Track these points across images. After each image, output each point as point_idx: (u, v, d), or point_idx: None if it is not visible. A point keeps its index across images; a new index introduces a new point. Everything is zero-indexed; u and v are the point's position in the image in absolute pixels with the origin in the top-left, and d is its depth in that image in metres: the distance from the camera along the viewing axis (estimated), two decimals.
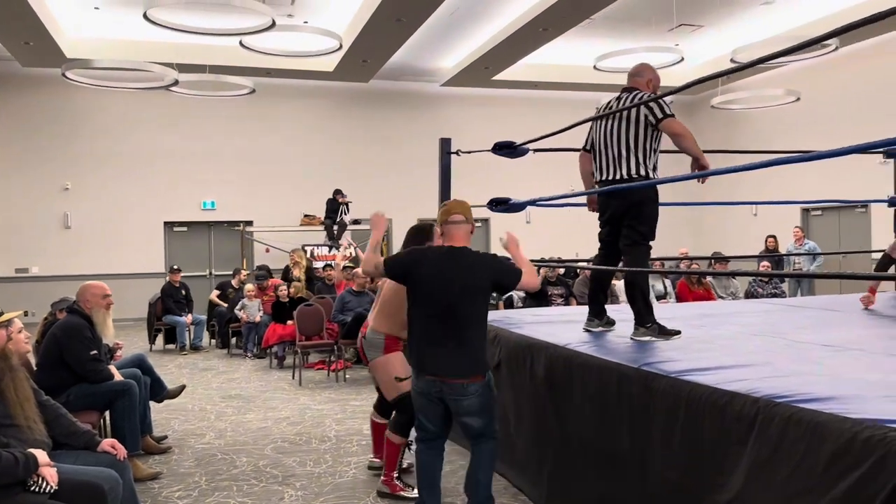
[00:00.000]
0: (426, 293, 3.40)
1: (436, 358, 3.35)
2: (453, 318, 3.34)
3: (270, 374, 8.25)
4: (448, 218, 3.57)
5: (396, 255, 3.68)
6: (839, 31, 2.80)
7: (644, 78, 4.03)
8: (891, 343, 3.68)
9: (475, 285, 3.41)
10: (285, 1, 10.67)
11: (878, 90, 11.85)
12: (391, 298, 4.17)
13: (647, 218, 3.84)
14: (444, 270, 3.39)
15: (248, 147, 14.10)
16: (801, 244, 11.79)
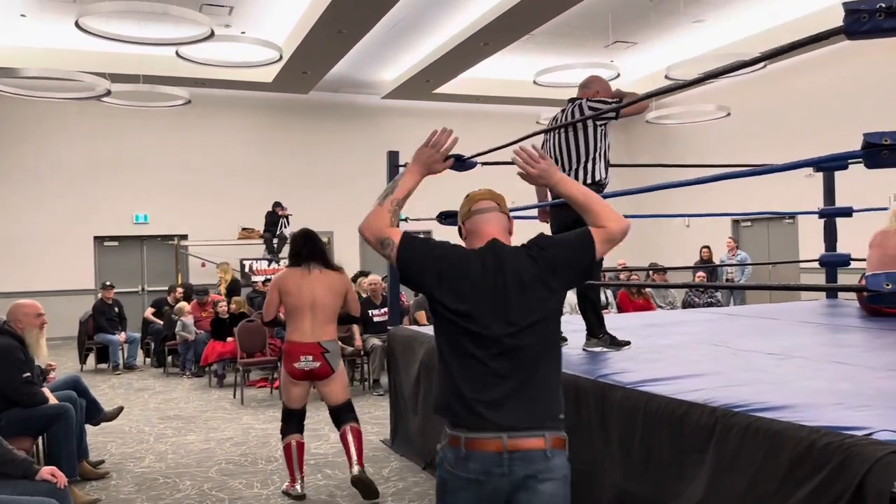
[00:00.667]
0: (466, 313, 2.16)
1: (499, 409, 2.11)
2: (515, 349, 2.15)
3: (210, 393, 8.02)
4: (472, 207, 2.36)
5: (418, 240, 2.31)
6: (768, 56, 2.94)
7: (592, 90, 4.11)
8: (829, 350, 3.80)
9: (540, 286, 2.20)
10: (223, 11, 10.49)
11: (803, 105, 12.39)
12: (335, 304, 4.41)
13: None
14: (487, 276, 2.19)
15: (184, 159, 13.75)
16: (733, 254, 12.20)
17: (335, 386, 4.46)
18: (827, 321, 5.12)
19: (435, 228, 8.29)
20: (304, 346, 4.31)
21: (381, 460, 5.17)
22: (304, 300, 4.32)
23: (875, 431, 2.01)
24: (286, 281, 4.40)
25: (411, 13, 10.43)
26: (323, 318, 4.36)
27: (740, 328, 4.88)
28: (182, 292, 10.30)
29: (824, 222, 6.85)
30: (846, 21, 2.24)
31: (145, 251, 13.91)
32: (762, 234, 14.01)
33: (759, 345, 3.98)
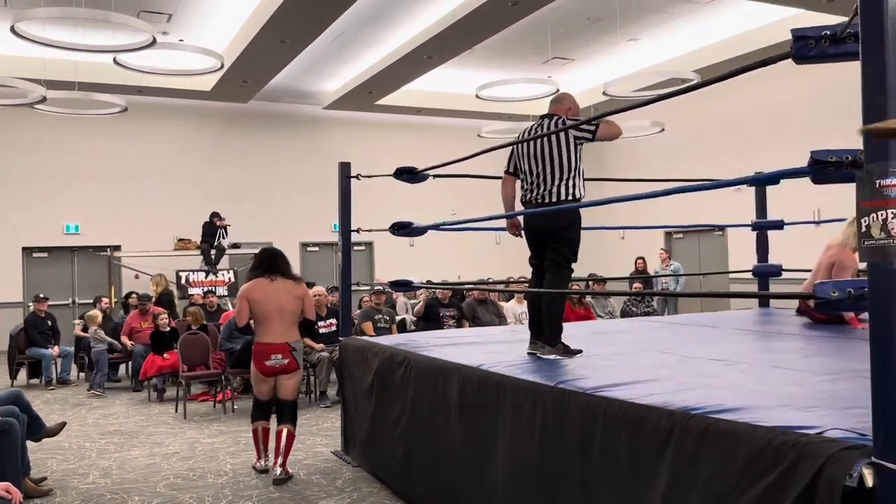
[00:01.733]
0: None
1: None
2: None
3: (150, 407, 7.82)
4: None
5: None
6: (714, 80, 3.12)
7: (564, 105, 4.26)
8: (770, 356, 4.01)
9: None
10: (161, 18, 10.30)
11: (734, 121, 12.93)
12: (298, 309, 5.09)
13: (572, 241, 4.05)
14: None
15: (118, 168, 13.38)
16: (666, 265, 12.62)
17: (294, 381, 5.13)
18: (763, 328, 5.38)
19: (385, 238, 8.33)
20: (275, 346, 4.96)
21: (333, 471, 5.16)
22: (271, 306, 4.94)
23: (826, 430, 2.15)
24: (254, 291, 4.99)
25: (355, 25, 10.47)
26: (289, 322, 5.03)
27: (683, 336, 5.07)
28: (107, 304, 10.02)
29: (756, 235, 7.18)
30: (795, 46, 2.41)
31: (76, 263, 13.45)
32: (693, 245, 14.52)
33: (704, 351, 4.15)
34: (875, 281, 1.91)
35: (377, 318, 8.37)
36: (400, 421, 4.47)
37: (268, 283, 5.00)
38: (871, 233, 1.89)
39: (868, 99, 1.92)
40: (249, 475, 5.09)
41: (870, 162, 1.92)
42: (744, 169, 9.36)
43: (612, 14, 10.51)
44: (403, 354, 4.50)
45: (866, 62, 1.93)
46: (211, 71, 10.57)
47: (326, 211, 13.96)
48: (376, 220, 6.29)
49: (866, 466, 1.89)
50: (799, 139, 11.47)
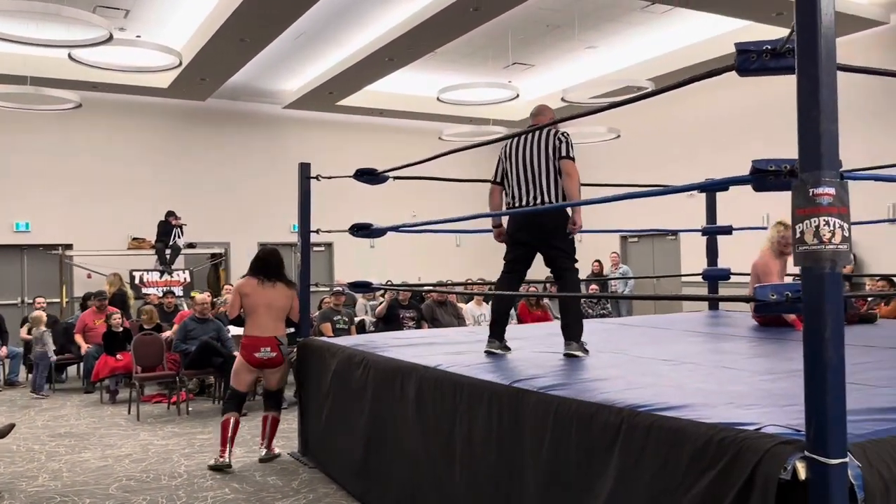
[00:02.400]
0: None
1: None
2: None
3: (103, 409, 7.70)
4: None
5: None
6: (667, 88, 3.23)
7: (547, 117, 4.44)
8: (717, 357, 4.14)
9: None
10: (118, 14, 10.14)
11: (688, 128, 13.22)
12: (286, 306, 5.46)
13: (571, 241, 4.25)
14: None
15: (71, 165, 13.10)
16: (616, 268, 12.87)
17: (280, 373, 5.54)
18: (711, 330, 5.54)
19: (345, 240, 8.32)
20: (264, 339, 5.30)
21: (290, 472, 5.16)
22: (260, 301, 5.32)
23: (763, 426, 2.26)
24: (245, 286, 5.40)
25: (317, 24, 10.44)
26: (276, 317, 5.39)
27: (635, 337, 5.21)
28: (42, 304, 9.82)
29: (707, 239, 7.38)
30: (738, 59, 2.52)
31: (26, 261, 13.13)
32: (647, 249, 14.80)
33: (654, 352, 4.28)
34: (808, 284, 2.01)
35: (336, 319, 8.37)
36: (358, 422, 4.50)
37: (259, 281, 5.38)
38: (805, 239, 2.00)
39: (802, 112, 2.03)
40: (204, 477, 5.07)
41: (804, 171, 2.03)
42: (697, 175, 9.61)
43: (571, 22, 10.68)
44: (362, 355, 4.53)
45: (801, 76, 2.04)
46: (168, 68, 10.44)
47: (285, 211, 13.84)
48: (336, 221, 6.31)
49: (799, 460, 1.99)
50: (749, 146, 11.80)
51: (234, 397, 5.46)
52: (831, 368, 1.95)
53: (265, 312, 5.32)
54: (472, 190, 15.18)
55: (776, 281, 5.09)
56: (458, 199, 14.97)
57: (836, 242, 1.96)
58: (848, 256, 1.99)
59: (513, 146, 4.28)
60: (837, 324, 1.97)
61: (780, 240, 5.23)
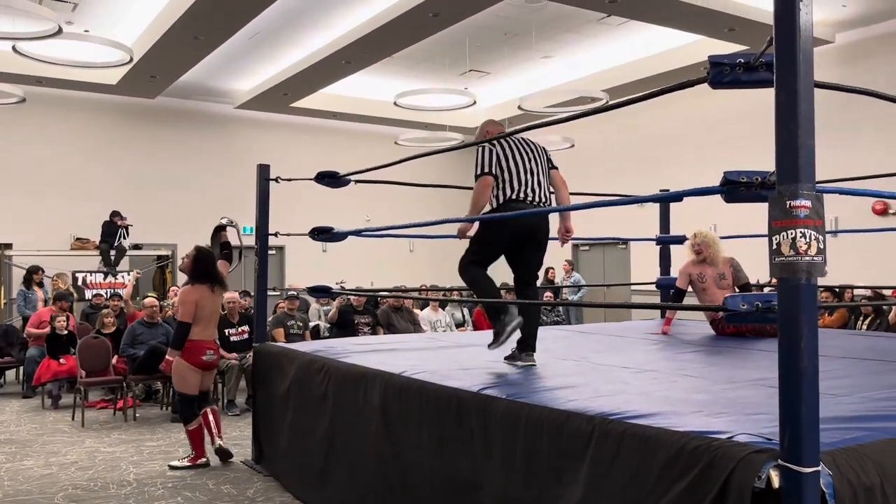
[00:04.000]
0: None
1: None
2: None
3: (45, 415, 7.41)
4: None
5: None
6: (631, 101, 3.27)
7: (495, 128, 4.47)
8: (677, 364, 4.20)
9: None
10: (66, 7, 9.82)
11: (641, 139, 13.46)
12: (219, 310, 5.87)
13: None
14: None
15: (13, 161, 12.61)
16: (569, 276, 13.00)
17: (213, 375, 6.01)
18: (665, 338, 5.62)
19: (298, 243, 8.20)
20: (208, 342, 5.55)
21: (244, 481, 5.05)
22: (210, 307, 5.54)
23: (735, 434, 2.28)
24: (201, 296, 5.49)
25: (272, 25, 10.29)
26: (216, 322, 5.74)
27: (595, 345, 5.25)
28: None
29: (660, 248, 7.51)
30: (711, 72, 2.56)
31: None
32: (598, 257, 15.01)
33: (615, 360, 4.32)
34: (784, 295, 2.05)
35: (290, 324, 8.24)
36: (318, 429, 4.42)
37: (209, 289, 5.54)
38: (782, 250, 2.03)
39: (780, 125, 2.06)
40: (154, 485, 4.92)
41: (781, 183, 2.06)
42: (649, 185, 9.80)
43: (528, 31, 10.78)
44: (322, 361, 4.46)
45: (780, 90, 2.07)
46: (118, 64, 10.16)
47: (236, 212, 13.56)
48: (288, 224, 6.21)
49: (773, 469, 2.02)
50: (701, 158, 12.08)
51: (190, 403, 5.51)
52: (806, 378, 1.99)
53: (212, 317, 5.58)
54: (423, 196, 15.24)
55: (684, 283, 5.71)
56: (410, 203, 14.95)
57: (812, 254, 2.00)
58: (822, 268, 2.03)
59: (511, 144, 4.16)
60: (812, 334, 2.01)
61: (692, 247, 5.75)
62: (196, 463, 5.40)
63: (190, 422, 5.46)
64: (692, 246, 5.77)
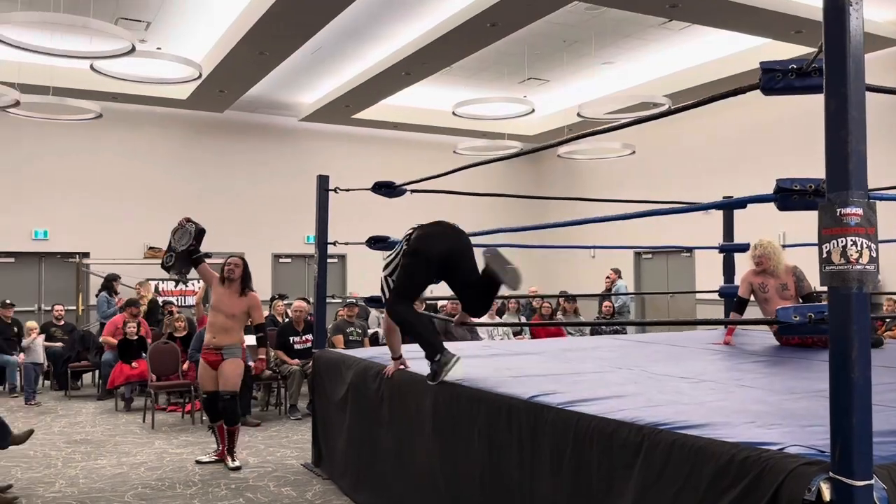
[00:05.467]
0: None
1: None
2: None
3: (118, 417, 7.74)
4: None
5: None
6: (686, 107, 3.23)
7: None
8: (735, 374, 4.12)
9: None
10: (139, 26, 10.28)
11: (704, 144, 13.21)
12: None
13: None
14: None
15: (90, 174, 13.24)
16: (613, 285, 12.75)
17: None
18: (729, 349, 5.51)
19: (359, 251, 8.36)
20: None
21: (304, 483, 5.17)
22: None
23: (787, 446, 2.24)
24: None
25: (334, 39, 10.53)
26: None
27: (652, 354, 5.18)
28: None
29: (723, 257, 7.36)
30: (763, 79, 2.53)
31: (44, 268, 13.25)
32: (662, 265, 14.75)
33: (672, 369, 4.26)
34: (835, 304, 2.01)
35: (349, 330, 8.39)
36: (373, 434, 4.50)
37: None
38: (832, 258, 2.00)
39: (831, 132, 2.03)
40: (219, 486, 5.09)
41: (831, 191, 2.03)
42: (711, 191, 9.60)
43: (588, 37, 10.72)
44: (378, 367, 4.54)
45: (829, 96, 2.04)
46: (188, 80, 10.55)
47: (299, 222, 13.94)
48: (350, 233, 6.35)
49: (824, 481, 1.98)
50: (766, 164, 11.76)
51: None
52: (857, 389, 1.94)
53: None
54: (483, 204, 15.28)
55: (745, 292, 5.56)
56: (470, 212, 14.98)
57: (864, 263, 1.96)
58: (875, 277, 1.99)
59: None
60: (864, 344, 1.96)
61: (753, 258, 5.57)
62: (223, 457, 5.69)
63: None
64: (753, 257, 5.64)
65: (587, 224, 4.25)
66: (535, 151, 4.21)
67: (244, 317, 5.76)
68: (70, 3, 9.04)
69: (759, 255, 5.52)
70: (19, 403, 8.42)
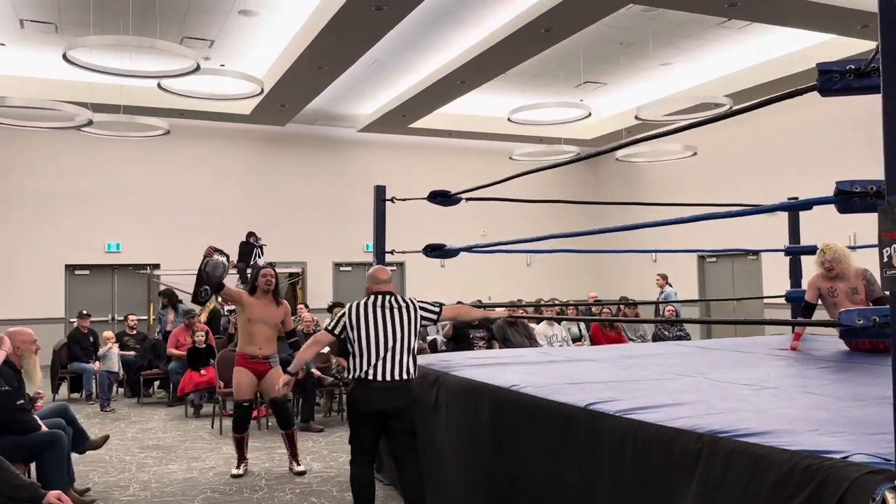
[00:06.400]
0: None
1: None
2: None
3: (187, 423, 7.99)
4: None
5: None
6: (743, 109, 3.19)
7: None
8: (800, 381, 4.02)
9: None
10: (203, 44, 10.64)
11: (767, 145, 12.88)
12: None
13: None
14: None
15: (159, 188, 13.76)
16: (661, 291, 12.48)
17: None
18: (795, 354, 5.36)
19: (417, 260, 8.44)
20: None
21: None
22: None
23: (851, 454, 2.19)
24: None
25: (390, 51, 10.69)
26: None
27: (715, 360, 5.09)
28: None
29: (790, 259, 7.16)
30: (820, 80, 2.49)
31: (116, 280, 13.81)
32: (727, 269, 14.42)
33: (734, 376, 4.17)
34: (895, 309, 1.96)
35: None
36: (431, 440, 4.55)
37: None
38: (893, 263, 1.95)
39: (888, 133, 1.98)
40: (284, 490, 5.21)
41: (891, 193, 1.98)
42: (777, 193, 9.35)
43: (645, 39, 10.61)
44: (435, 374, 4.59)
45: (887, 97, 2.00)
46: (250, 96, 10.86)
47: (358, 231, 14.17)
48: (408, 242, 6.42)
49: (889, 490, 1.93)
50: (832, 165, 11.40)
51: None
52: None
53: None
54: (540, 209, 15.25)
55: (813, 296, 5.43)
56: (528, 218, 15.00)
57: None
58: None
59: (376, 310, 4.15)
60: None
61: (821, 263, 5.41)
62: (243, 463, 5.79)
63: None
64: (821, 263, 5.47)
65: (647, 228, 4.21)
66: (594, 156, 4.20)
67: (279, 325, 5.89)
68: (138, 24, 9.45)
69: (829, 261, 5.34)
70: (95, 410, 8.78)
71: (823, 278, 5.45)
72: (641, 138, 4.07)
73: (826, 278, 5.43)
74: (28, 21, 9.73)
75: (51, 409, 4.96)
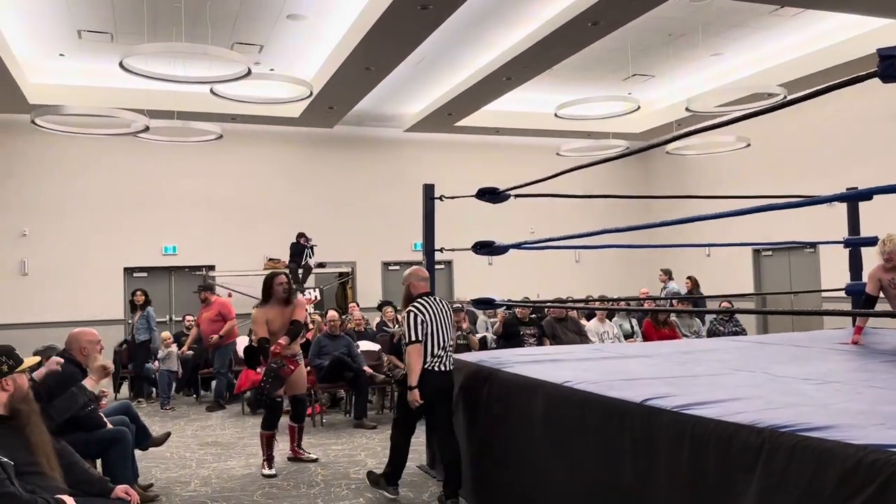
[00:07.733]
0: None
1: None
2: None
3: (244, 420, 8.16)
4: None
5: None
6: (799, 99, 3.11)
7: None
8: (864, 375, 3.91)
9: None
10: (253, 49, 10.84)
11: (823, 135, 12.53)
12: None
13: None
14: None
15: (212, 192, 14.08)
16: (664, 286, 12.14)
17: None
18: (857, 348, 5.22)
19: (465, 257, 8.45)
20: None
21: (419, 485, 5.29)
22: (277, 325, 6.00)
23: None
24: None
25: (436, 49, 10.72)
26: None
27: (773, 355, 4.98)
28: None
29: (849, 252, 6.96)
30: (881, 66, 2.42)
31: (173, 281, 14.17)
32: (783, 263, 14.07)
33: (794, 371, 4.09)
34: None
35: (456, 335, 8.50)
36: (483, 437, 4.57)
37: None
38: None
39: None
40: (340, 486, 5.29)
41: None
42: (833, 184, 9.09)
43: (694, 29, 10.42)
44: (487, 371, 4.60)
45: None
46: (300, 99, 11.02)
47: (407, 230, 14.25)
48: (456, 239, 6.45)
49: None
50: (892, 155, 11.03)
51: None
52: None
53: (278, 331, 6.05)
54: (588, 205, 15.10)
55: (874, 289, 5.37)
56: (576, 214, 14.89)
57: None
58: None
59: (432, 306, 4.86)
60: None
61: (881, 254, 5.33)
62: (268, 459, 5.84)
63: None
64: (882, 253, 5.35)
65: (700, 221, 4.15)
66: (644, 150, 4.16)
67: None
68: (190, 32, 9.68)
69: (890, 251, 5.22)
70: (156, 408, 9.03)
71: (885, 270, 5.31)
72: (695, 130, 4.00)
73: (888, 269, 5.29)
74: (85, 31, 10.05)
75: (115, 407, 5.13)
